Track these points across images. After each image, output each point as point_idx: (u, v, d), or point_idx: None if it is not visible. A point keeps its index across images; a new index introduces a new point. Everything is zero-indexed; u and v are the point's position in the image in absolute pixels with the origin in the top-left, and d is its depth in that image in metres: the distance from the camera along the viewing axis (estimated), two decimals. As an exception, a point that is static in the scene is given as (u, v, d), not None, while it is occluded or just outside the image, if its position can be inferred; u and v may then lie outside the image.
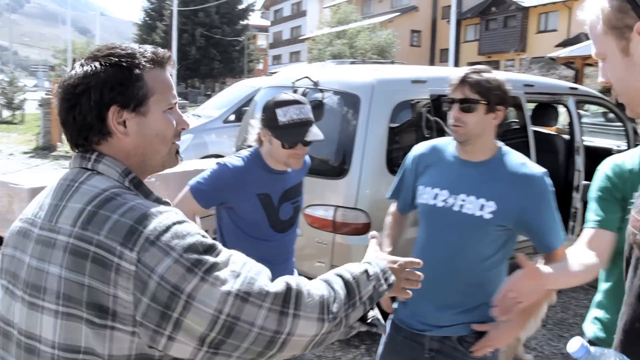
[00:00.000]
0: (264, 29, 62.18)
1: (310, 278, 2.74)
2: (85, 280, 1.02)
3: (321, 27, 37.83)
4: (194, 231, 1.07)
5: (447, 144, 2.13)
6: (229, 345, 1.04)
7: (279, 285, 1.09)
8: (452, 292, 2.04)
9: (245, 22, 42.09)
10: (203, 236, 1.08)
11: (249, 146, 2.46)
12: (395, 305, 2.22)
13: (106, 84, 1.14)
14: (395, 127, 3.80)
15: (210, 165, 2.41)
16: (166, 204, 1.17)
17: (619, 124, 5.99)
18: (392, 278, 1.32)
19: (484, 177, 1.98)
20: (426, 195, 2.07)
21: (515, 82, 4.89)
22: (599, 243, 1.82)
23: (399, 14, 40.60)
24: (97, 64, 1.15)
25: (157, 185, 2.31)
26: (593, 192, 1.89)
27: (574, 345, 1.03)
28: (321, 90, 3.90)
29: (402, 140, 3.86)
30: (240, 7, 41.71)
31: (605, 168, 1.89)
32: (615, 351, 1.05)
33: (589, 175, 5.18)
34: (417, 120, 3.91)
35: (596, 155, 5.78)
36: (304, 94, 4.00)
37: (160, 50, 1.24)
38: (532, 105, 5.47)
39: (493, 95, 1.94)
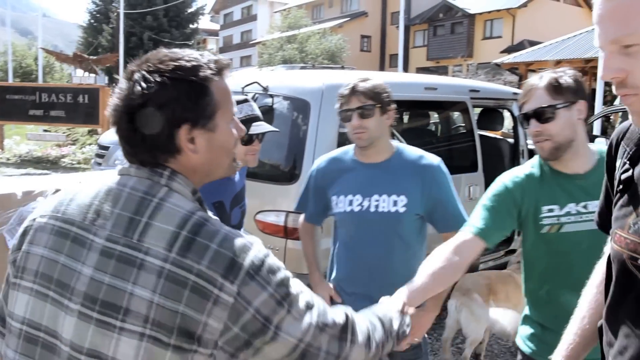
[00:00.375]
0: (214, 33, 61.58)
1: None
2: (180, 307, 0.99)
3: (272, 32, 37.76)
4: (280, 265, 1.10)
5: (345, 153, 2.27)
6: None
7: (341, 315, 1.18)
8: (387, 288, 2.08)
9: (194, 25, 41.48)
10: (284, 268, 1.12)
11: None
12: None
13: (178, 102, 1.07)
14: (345, 132, 3.82)
15: None
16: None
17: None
18: (409, 321, 1.56)
19: (389, 175, 2.13)
20: (341, 203, 2.16)
21: (461, 87, 5.01)
22: (469, 250, 1.82)
23: (348, 19, 41.00)
24: (164, 79, 1.07)
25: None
26: (486, 200, 1.89)
27: None
28: (271, 96, 3.88)
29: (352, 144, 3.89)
30: (190, 10, 41.12)
31: (505, 179, 1.91)
32: None
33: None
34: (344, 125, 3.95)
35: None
36: (253, 99, 3.97)
37: (221, 59, 1.17)
38: (478, 110, 5.61)
39: (383, 98, 2.09)
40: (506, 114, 5.56)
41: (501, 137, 5.97)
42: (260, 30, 49.43)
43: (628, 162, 1.11)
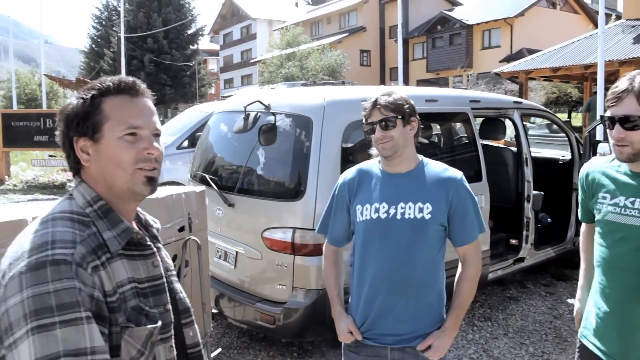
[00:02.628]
0: (214, 53, 62.03)
1: (272, 302, 2.77)
2: None
3: (271, 50, 38.04)
4: (62, 286, 1.08)
5: (372, 164, 2.30)
6: None
7: None
8: (407, 300, 2.17)
9: (194, 46, 41.85)
10: (70, 289, 1.09)
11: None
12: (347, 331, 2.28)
13: (72, 118, 1.24)
14: (348, 147, 3.85)
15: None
16: (126, 232, 1.23)
17: (562, 134, 6.22)
18: None
19: (414, 184, 2.18)
20: (366, 211, 2.19)
21: (462, 98, 5.04)
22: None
23: (347, 34, 41.26)
24: (74, 99, 1.25)
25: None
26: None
27: None
28: (273, 114, 3.92)
29: (355, 159, 3.90)
30: (189, 32, 41.50)
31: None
32: None
33: (538, 186, 5.36)
34: (369, 139, 3.97)
35: (544, 166, 6.02)
36: (256, 118, 4.01)
37: (126, 78, 1.27)
38: (479, 120, 5.63)
39: (405, 110, 2.16)
40: (508, 122, 5.59)
41: (504, 146, 5.98)
42: (259, 48, 49.78)
43: None
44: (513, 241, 5.37)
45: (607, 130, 1.91)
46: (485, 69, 28.84)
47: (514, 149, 5.64)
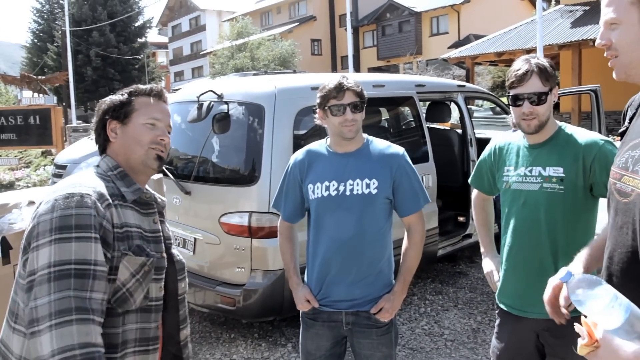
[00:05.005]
0: (163, 46, 60.84)
1: (231, 285, 3.04)
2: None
3: (221, 41, 37.63)
4: (59, 221, 1.44)
5: (320, 145, 2.46)
6: None
7: (58, 301, 1.37)
8: (359, 268, 2.35)
9: (142, 39, 40.91)
10: (86, 215, 1.45)
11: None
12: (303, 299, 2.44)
13: (110, 107, 1.69)
14: (299, 132, 3.99)
15: None
16: (141, 196, 1.65)
17: (505, 116, 6.53)
18: None
19: (360, 162, 2.35)
20: (317, 190, 2.35)
21: (407, 83, 5.25)
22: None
23: (297, 24, 41.22)
24: (114, 96, 1.71)
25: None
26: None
27: (561, 272, 1.34)
28: (226, 102, 4.02)
29: (307, 143, 4.05)
30: (136, 24, 40.54)
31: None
32: (594, 276, 1.29)
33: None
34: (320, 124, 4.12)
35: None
36: (209, 107, 4.10)
37: (153, 87, 1.74)
38: (425, 104, 5.86)
39: (364, 96, 2.35)
40: (453, 106, 5.83)
41: (449, 128, 6.23)
42: (209, 40, 49.16)
43: (628, 121, 1.56)
44: (461, 218, 5.64)
45: (513, 108, 2.18)
46: (435, 56, 29.37)
47: (460, 131, 5.89)
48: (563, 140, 2.18)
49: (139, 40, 40.13)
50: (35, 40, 41.40)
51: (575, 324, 1.26)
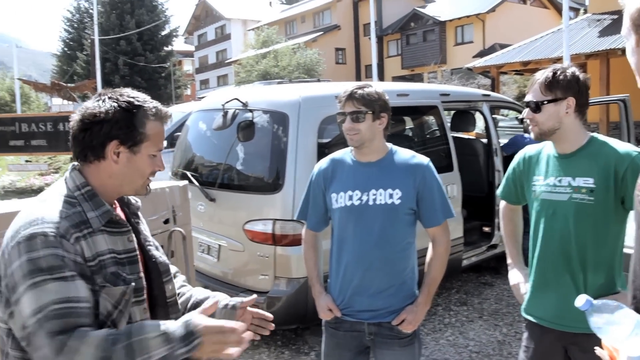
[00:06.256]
0: (189, 54, 61.65)
1: (255, 292, 2.99)
2: None
3: (246, 50, 37.94)
4: (46, 250, 1.34)
5: (344, 154, 2.45)
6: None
7: (56, 339, 1.29)
8: (381, 278, 2.33)
9: (169, 48, 41.55)
10: (56, 255, 1.34)
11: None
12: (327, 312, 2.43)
13: (118, 123, 1.48)
14: (323, 140, 4.00)
15: None
16: (106, 214, 1.48)
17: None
18: (198, 341, 1.36)
19: (384, 171, 2.33)
20: (341, 199, 2.34)
21: (432, 92, 5.23)
22: None
23: (322, 33, 41.38)
24: (116, 104, 1.49)
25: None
26: None
27: (580, 300, 1.24)
28: (251, 111, 4.05)
29: (331, 152, 4.06)
30: (163, 33, 41.19)
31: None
32: (614, 301, 1.23)
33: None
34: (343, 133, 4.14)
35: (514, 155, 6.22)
36: (234, 115, 4.14)
37: (162, 108, 1.58)
38: (450, 114, 5.83)
39: (376, 105, 2.30)
40: (478, 115, 5.79)
41: (474, 138, 6.18)
42: (234, 49, 49.63)
43: None
44: (486, 229, 5.58)
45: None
46: (459, 65, 29.18)
47: (485, 140, 5.84)
48: (594, 150, 2.14)
49: (165, 48, 40.77)
50: (66, 49, 42.35)
51: (596, 348, 1.23)
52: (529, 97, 2.18)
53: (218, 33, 55.69)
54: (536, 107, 2.13)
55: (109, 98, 1.50)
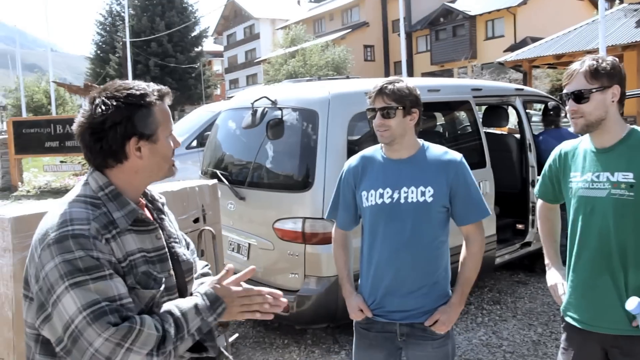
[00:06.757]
0: (218, 54, 62.17)
1: (285, 290, 2.91)
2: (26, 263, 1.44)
3: (275, 49, 38.07)
4: (80, 250, 1.32)
5: (375, 151, 2.39)
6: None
7: (124, 323, 1.30)
8: (414, 278, 2.27)
9: (199, 48, 42.00)
10: (91, 257, 1.32)
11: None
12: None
13: (130, 120, 1.43)
14: (353, 138, 3.96)
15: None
16: (132, 214, 1.45)
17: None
18: (223, 307, 1.49)
19: (416, 168, 2.26)
20: (371, 197, 2.29)
21: (464, 87, 5.14)
22: None
23: (350, 30, 41.27)
24: (120, 103, 1.42)
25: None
26: None
27: (631, 303, 1.18)
28: (280, 108, 4.03)
29: (361, 149, 4.02)
30: (193, 34, 41.64)
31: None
32: None
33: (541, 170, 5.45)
34: (373, 129, 4.09)
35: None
36: (263, 113, 4.13)
37: (162, 87, 1.53)
38: (482, 109, 5.72)
39: (407, 101, 2.23)
40: (511, 110, 5.67)
41: (507, 133, 6.06)
42: (263, 48, 49.87)
43: None
44: (519, 226, 5.46)
45: (565, 108, 2.10)
46: (490, 60, 28.76)
47: (518, 135, 5.72)
48: (634, 143, 2.05)
49: (195, 49, 41.22)
50: (98, 52, 43.15)
51: None
52: (571, 88, 2.07)
53: (247, 33, 56.03)
54: (581, 97, 2.04)
55: (107, 98, 1.43)
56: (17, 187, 13.42)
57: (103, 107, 1.41)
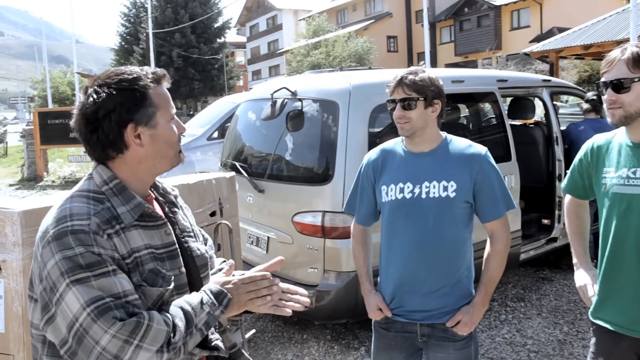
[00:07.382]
0: (241, 46, 62.25)
1: (304, 285, 2.80)
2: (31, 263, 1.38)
3: (298, 40, 37.95)
4: (81, 246, 1.26)
5: (395, 144, 2.29)
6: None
7: (131, 318, 1.24)
8: (435, 277, 2.18)
9: (222, 40, 42.09)
10: (92, 252, 1.26)
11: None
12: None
13: (123, 107, 1.35)
14: (374, 130, 3.87)
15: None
16: (139, 207, 1.39)
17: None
18: (228, 298, 1.42)
19: (438, 162, 2.17)
20: (391, 192, 2.19)
21: (489, 78, 4.99)
22: None
23: (373, 21, 40.94)
24: (111, 90, 1.35)
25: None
26: None
27: None
28: (300, 100, 3.96)
29: (382, 141, 3.93)
30: (216, 25, 41.75)
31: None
32: None
33: (570, 165, 5.33)
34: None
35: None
36: (283, 104, 4.06)
37: (158, 70, 1.44)
38: (508, 100, 5.58)
39: (429, 91, 2.13)
40: (537, 102, 5.51)
41: (533, 125, 5.90)
42: (286, 39, 49.78)
43: None
44: (545, 221, 5.32)
45: (603, 97, 1.98)
46: (515, 50, 28.24)
47: (544, 128, 5.56)
48: None
49: (218, 40, 41.33)
50: (123, 43, 43.49)
51: None
52: (610, 76, 1.94)
53: (269, 24, 55.97)
54: (621, 86, 1.90)
55: (99, 86, 1.36)
56: (42, 177, 13.61)
57: (95, 96, 1.35)
